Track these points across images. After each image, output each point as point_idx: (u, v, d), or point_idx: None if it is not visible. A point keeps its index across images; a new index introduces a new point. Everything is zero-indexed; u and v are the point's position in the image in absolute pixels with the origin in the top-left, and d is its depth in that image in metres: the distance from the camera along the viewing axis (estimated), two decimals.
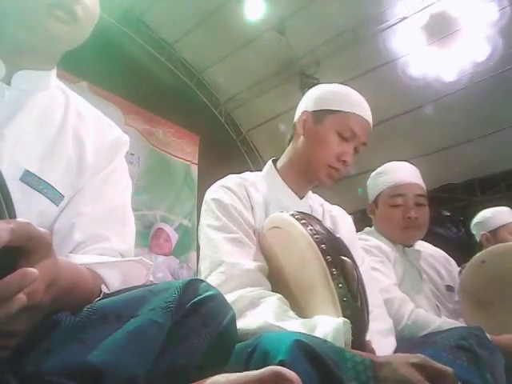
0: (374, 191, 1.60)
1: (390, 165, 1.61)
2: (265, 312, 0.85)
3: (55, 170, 0.76)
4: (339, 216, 1.27)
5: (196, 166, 5.77)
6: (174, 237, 5.26)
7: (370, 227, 1.64)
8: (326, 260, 0.85)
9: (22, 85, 0.76)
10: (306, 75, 5.46)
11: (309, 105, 1.21)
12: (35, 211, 0.72)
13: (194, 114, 5.79)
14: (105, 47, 4.59)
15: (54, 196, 0.75)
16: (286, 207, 1.09)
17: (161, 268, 4.95)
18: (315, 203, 1.27)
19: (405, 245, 1.55)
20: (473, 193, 5.68)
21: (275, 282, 0.98)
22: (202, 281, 0.60)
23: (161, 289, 0.56)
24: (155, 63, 5.60)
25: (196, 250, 5.19)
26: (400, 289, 1.39)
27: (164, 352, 0.52)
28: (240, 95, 6.18)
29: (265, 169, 1.27)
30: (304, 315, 0.88)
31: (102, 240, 0.76)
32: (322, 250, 0.86)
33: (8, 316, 0.43)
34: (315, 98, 1.21)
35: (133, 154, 4.91)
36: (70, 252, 0.73)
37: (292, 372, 0.49)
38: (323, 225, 0.94)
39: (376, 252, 1.46)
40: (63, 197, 0.76)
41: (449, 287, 1.55)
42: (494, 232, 2.19)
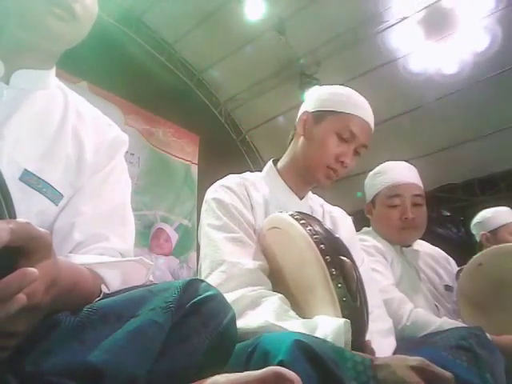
0: (372, 191, 1.59)
1: (388, 165, 1.60)
2: (265, 312, 0.85)
3: (54, 170, 0.76)
4: (339, 217, 1.27)
5: (196, 166, 5.77)
6: (174, 237, 5.25)
7: (369, 227, 1.64)
8: (326, 260, 0.85)
9: (21, 84, 0.76)
10: (306, 75, 5.46)
11: (309, 105, 1.21)
12: (35, 211, 0.72)
13: (194, 114, 5.79)
14: (105, 47, 4.59)
15: (54, 195, 0.75)
16: (286, 207, 1.09)
17: (161, 268, 4.95)
18: (315, 204, 1.27)
19: (403, 245, 1.55)
20: (473, 193, 5.67)
21: (275, 282, 0.98)
22: (202, 281, 0.60)
23: (161, 289, 0.56)
24: (155, 63, 5.60)
25: (196, 250, 5.19)
26: (398, 289, 1.39)
27: (164, 352, 0.52)
28: (240, 95, 6.18)
29: (265, 169, 1.27)
30: (304, 315, 0.88)
31: (102, 240, 0.76)
32: (321, 250, 0.86)
33: (8, 316, 0.43)
34: (316, 99, 1.21)
35: (133, 154, 4.91)
36: (70, 252, 0.73)
37: (292, 372, 0.49)
38: (322, 225, 0.94)
39: (373, 252, 1.46)
40: (63, 196, 0.76)
41: (448, 287, 1.55)
42: (494, 232, 2.19)
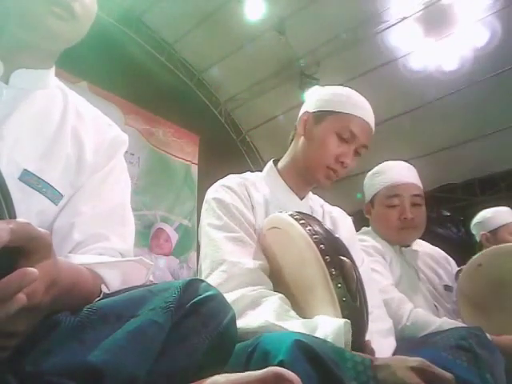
0: (371, 191, 1.59)
1: (387, 164, 1.59)
2: (266, 311, 0.85)
3: (54, 169, 0.76)
4: (339, 217, 1.27)
5: (196, 166, 5.77)
6: (174, 237, 5.25)
7: (368, 227, 1.63)
8: (325, 260, 0.85)
9: (21, 83, 0.76)
10: (306, 75, 5.46)
11: (310, 106, 1.21)
12: (35, 211, 0.72)
13: (194, 114, 5.79)
14: (105, 47, 4.59)
15: (53, 195, 0.74)
16: (287, 207, 1.09)
17: (161, 268, 4.95)
18: (315, 204, 1.27)
19: (402, 245, 1.55)
20: (473, 193, 5.67)
21: (275, 282, 0.98)
22: (202, 281, 0.60)
23: (161, 289, 0.56)
24: (155, 63, 5.60)
25: (196, 250, 5.18)
26: (397, 289, 1.39)
27: (164, 352, 0.52)
28: (240, 95, 6.18)
29: (265, 169, 1.27)
30: (304, 315, 0.88)
31: (102, 240, 0.76)
32: (321, 250, 0.86)
33: (8, 316, 0.43)
34: (316, 99, 1.21)
35: (133, 154, 4.91)
36: (70, 251, 0.73)
37: (292, 373, 0.49)
38: (322, 225, 0.94)
39: (372, 252, 1.46)
40: (62, 196, 0.76)
41: (447, 287, 1.55)
42: (494, 232, 2.19)
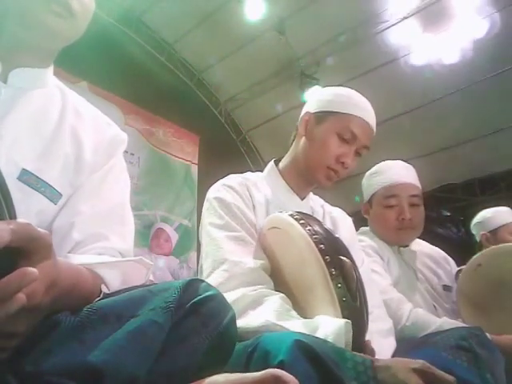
0: (369, 191, 1.58)
1: (385, 164, 1.58)
2: (267, 311, 0.85)
3: (53, 169, 0.75)
4: (339, 217, 1.27)
5: (196, 166, 5.77)
6: (174, 237, 5.25)
7: (367, 227, 1.62)
8: (325, 260, 0.85)
9: (19, 83, 0.76)
10: (306, 75, 5.46)
11: (311, 106, 1.21)
12: (34, 210, 0.72)
13: (194, 114, 5.79)
14: (105, 47, 4.59)
15: (52, 195, 0.74)
16: (287, 208, 1.09)
17: (161, 268, 4.95)
18: (316, 204, 1.27)
19: (400, 245, 1.54)
20: (473, 193, 5.67)
21: (275, 282, 0.98)
22: (202, 281, 0.60)
23: (161, 289, 0.56)
24: (155, 63, 5.60)
25: (196, 250, 5.19)
26: (396, 289, 1.38)
27: (164, 352, 0.52)
28: (240, 95, 6.18)
29: (266, 169, 1.27)
30: (304, 315, 0.88)
31: (102, 239, 0.76)
32: (321, 250, 0.86)
33: (8, 316, 0.43)
34: (318, 100, 1.21)
35: (133, 154, 4.91)
36: (69, 251, 0.73)
37: (290, 376, 0.49)
38: (322, 225, 0.94)
39: (370, 252, 1.45)
40: (61, 195, 0.76)
41: (446, 287, 1.54)
42: (494, 232, 2.19)
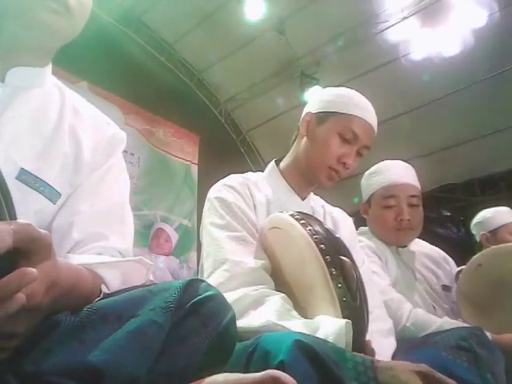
0: (368, 191, 1.57)
1: (384, 164, 1.58)
2: (268, 311, 0.85)
3: (52, 168, 0.75)
4: (340, 217, 1.27)
5: (196, 166, 5.77)
6: (174, 237, 5.25)
7: (366, 227, 1.62)
8: (325, 260, 0.85)
9: (17, 82, 0.75)
10: (306, 75, 5.46)
11: (312, 106, 1.21)
12: (33, 210, 0.72)
13: (194, 114, 5.79)
14: (105, 47, 4.60)
15: (51, 194, 0.74)
16: (288, 208, 1.09)
17: (161, 268, 4.95)
18: (317, 204, 1.27)
19: (398, 245, 1.53)
20: (473, 193, 5.68)
21: (276, 282, 0.98)
22: (202, 281, 0.60)
23: (161, 289, 0.56)
24: (155, 63, 5.60)
25: (196, 250, 5.19)
26: (395, 289, 1.38)
27: (164, 352, 0.52)
28: (240, 95, 6.18)
29: (267, 169, 1.27)
30: (305, 315, 0.88)
31: (101, 239, 0.76)
32: (321, 250, 0.86)
33: (7, 315, 0.43)
34: (319, 100, 1.21)
35: (133, 154, 4.91)
36: (69, 251, 0.73)
37: (289, 377, 0.48)
38: (323, 225, 0.94)
39: (369, 252, 1.45)
40: (60, 195, 0.76)
41: (445, 287, 1.54)
42: (494, 232, 2.19)
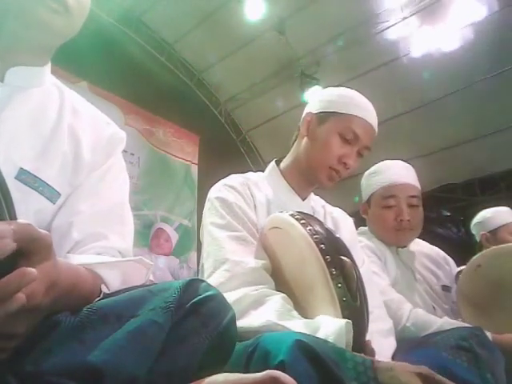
0: (367, 191, 1.57)
1: (384, 164, 1.57)
2: (268, 311, 0.86)
3: (51, 168, 0.75)
4: (340, 218, 1.27)
5: (196, 166, 5.77)
6: (174, 237, 5.26)
7: (365, 227, 1.61)
8: (326, 260, 0.85)
9: (16, 81, 0.75)
10: (306, 75, 5.46)
11: (313, 107, 1.21)
12: (32, 209, 0.72)
13: (194, 114, 5.79)
14: (105, 47, 4.60)
15: (51, 194, 0.74)
16: (289, 208, 1.09)
17: (161, 268, 4.95)
18: (317, 205, 1.27)
19: (398, 246, 1.53)
20: (473, 193, 5.68)
21: (276, 282, 0.98)
22: (202, 281, 0.60)
23: (161, 289, 0.56)
24: (155, 63, 5.60)
25: (196, 250, 5.19)
26: (394, 289, 1.38)
27: (164, 352, 0.52)
28: (240, 95, 6.18)
29: (267, 169, 1.27)
30: (305, 315, 0.88)
31: (101, 238, 0.76)
32: (322, 250, 0.86)
33: (7, 315, 0.43)
34: (320, 100, 1.21)
35: (133, 154, 4.91)
36: (69, 250, 0.73)
37: (289, 377, 0.48)
38: (323, 225, 0.94)
39: (368, 252, 1.45)
40: (60, 195, 0.76)
41: (445, 287, 1.54)
42: (494, 232, 2.18)
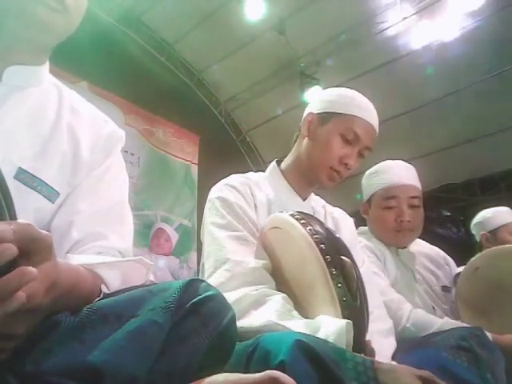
0: (368, 191, 1.57)
1: (385, 164, 1.57)
2: (269, 311, 0.86)
3: (50, 167, 0.75)
4: (340, 218, 1.27)
5: (196, 166, 5.77)
6: (174, 237, 5.26)
7: (366, 226, 1.61)
8: (326, 260, 0.85)
9: (14, 80, 0.75)
10: (306, 75, 5.46)
11: (314, 107, 1.21)
12: (31, 209, 0.72)
13: (194, 114, 5.79)
14: (105, 47, 4.60)
15: (50, 193, 0.74)
16: (289, 208, 1.09)
17: (161, 268, 4.95)
18: (317, 205, 1.27)
19: (398, 247, 1.53)
20: (473, 193, 5.68)
21: (276, 282, 0.98)
22: (202, 281, 0.60)
23: (161, 289, 0.56)
24: (155, 63, 5.60)
25: (196, 250, 5.19)
26: (394, 290, 1.38)
27: (164, 352, 0.52)
28: (240, 95, 6.18)
29: (268, 169, 1.27)
30: (305, 315, 0.88)
31: (101, 238, 0.76)
32: (322, 250, 0.86)
33: (7, 314, 0.43)
34: (321, 101, 1.21)
35: (133, 154, 4.91)
36: (68, 250, 0.73)
37: (289, 377, 0.48)
38: (323, 225, 0.94)
39: (367, 252, 1.45)
40: (59, 194, 0.75)
41: (445, 288, 1.54)
42: (494, 232, 2.18)
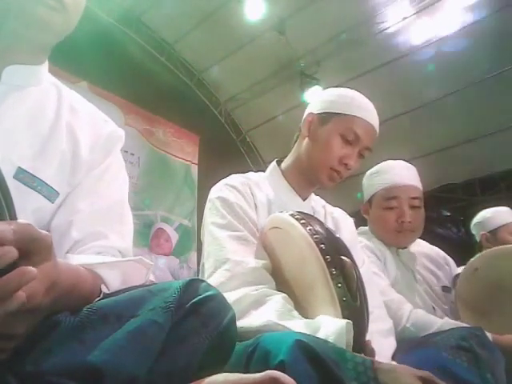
0: (369, 191, 1.56)
1: (386, 164, 1.57)
2: (269, 311, 0.86)
3: (49, 167, 0.75)
4: (341, 218, 1.27)
5: (196, 166, 5.77)
6: (174, 237, 5.25)
7: (366, 226, 1.61)
8: (326, 260, 0.85)
9: (13, 80, 0.75)
10: (306, 75, 5.46)
11: (315, 107, 1.21)
12: (31, 209, 0.71)
13: (194, 114, 5.79)
14: (105, 47, 4.60)
15: (49, 193, 0.74)
16: (289, 208, 1.09)
17: (161, 268, 4.95)
18: (317, 205, 1.27)
19: (398, 247, 1.53)
20: (473, 193, 5.68)
21: (276, 282, 0.98)
22: (202, 281, 0.60)
23: (161, 289, 0.56)
24: (155, 63, 5.60)
25: (196, 250, 5.19)
26: (394, 290, 1.38)
27: (164, 352, 0.52)
28: (240, 95, 6.18)
29: (268, 169, 1.27)
30: (305, 315, 0.88)
31: (101, 238, 0.76)
32: (322, 250, 0.86)
33: (7, 314, 0.43)
34: (321, 101, 1.21)
35: (133, 154, 4.91)
36: (68, 250, 0.73)
37: (289, 378, 0.48)
38: (323, 225, 0.94)
39: (367, 252, 1.45)
40: (58, 194, 0.75)
41: (445, 288, 1.54)
42: (494, 232, 2.18)
